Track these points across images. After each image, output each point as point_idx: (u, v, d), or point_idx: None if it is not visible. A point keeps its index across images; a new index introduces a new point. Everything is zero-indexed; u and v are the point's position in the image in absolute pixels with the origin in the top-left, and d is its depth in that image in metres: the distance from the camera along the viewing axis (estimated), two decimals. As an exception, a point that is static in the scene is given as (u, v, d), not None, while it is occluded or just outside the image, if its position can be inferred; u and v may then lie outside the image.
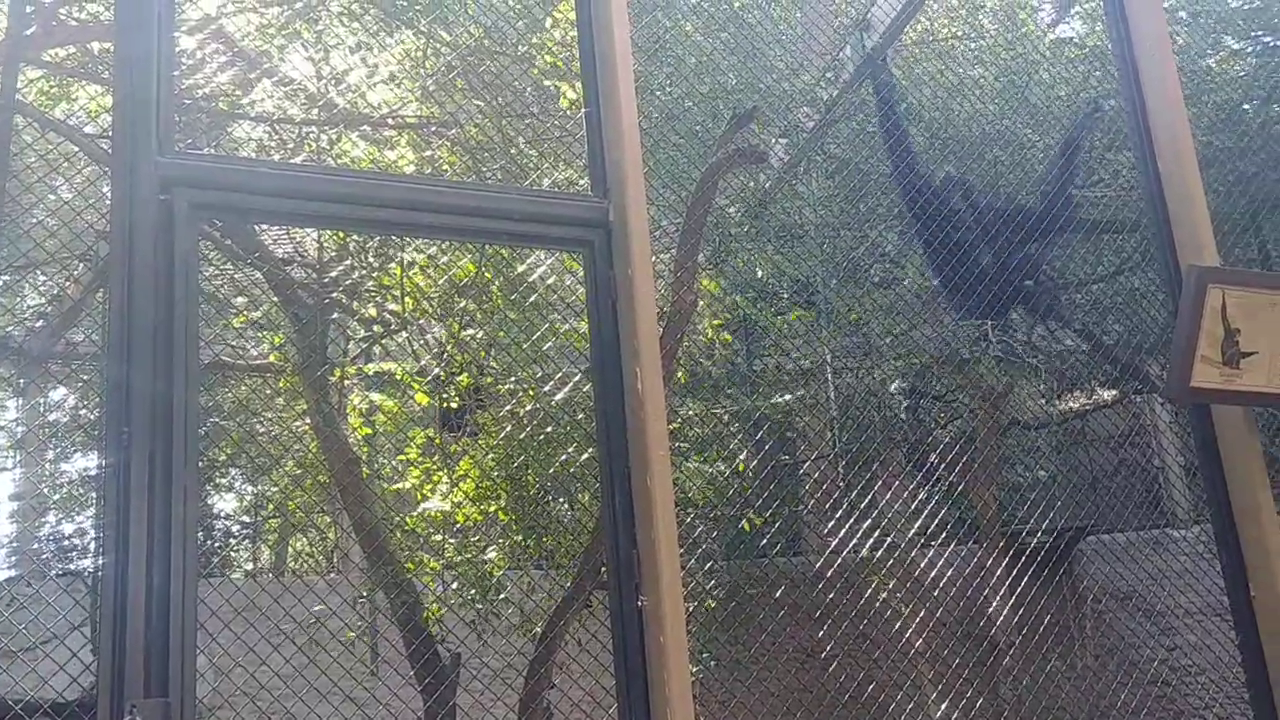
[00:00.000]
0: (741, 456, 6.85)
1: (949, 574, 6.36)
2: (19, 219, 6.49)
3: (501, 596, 6.43)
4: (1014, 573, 6.71)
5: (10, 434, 9.26)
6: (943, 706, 6.53)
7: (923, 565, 6.65)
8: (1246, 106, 7.25)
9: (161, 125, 2.90)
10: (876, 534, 6.13)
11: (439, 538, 6.67)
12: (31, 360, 7.29)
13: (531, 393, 6.31)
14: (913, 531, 6.46)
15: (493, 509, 6.59)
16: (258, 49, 6.66)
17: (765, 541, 6.91)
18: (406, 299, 6.59)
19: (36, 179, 6.41)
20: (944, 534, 6.40)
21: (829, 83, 7.59)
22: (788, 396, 7.73)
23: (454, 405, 6.86)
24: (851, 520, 6.13)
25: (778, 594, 6.32)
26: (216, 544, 12.06)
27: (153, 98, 2.90)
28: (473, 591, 6.38)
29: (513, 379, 6.50)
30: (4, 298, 7.74)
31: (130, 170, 2.83)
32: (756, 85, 7.17)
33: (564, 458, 6.30)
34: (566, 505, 7.03)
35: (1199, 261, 3.99)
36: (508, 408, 6.50)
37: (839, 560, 5.99)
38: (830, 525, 6.52)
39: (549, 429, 6.31)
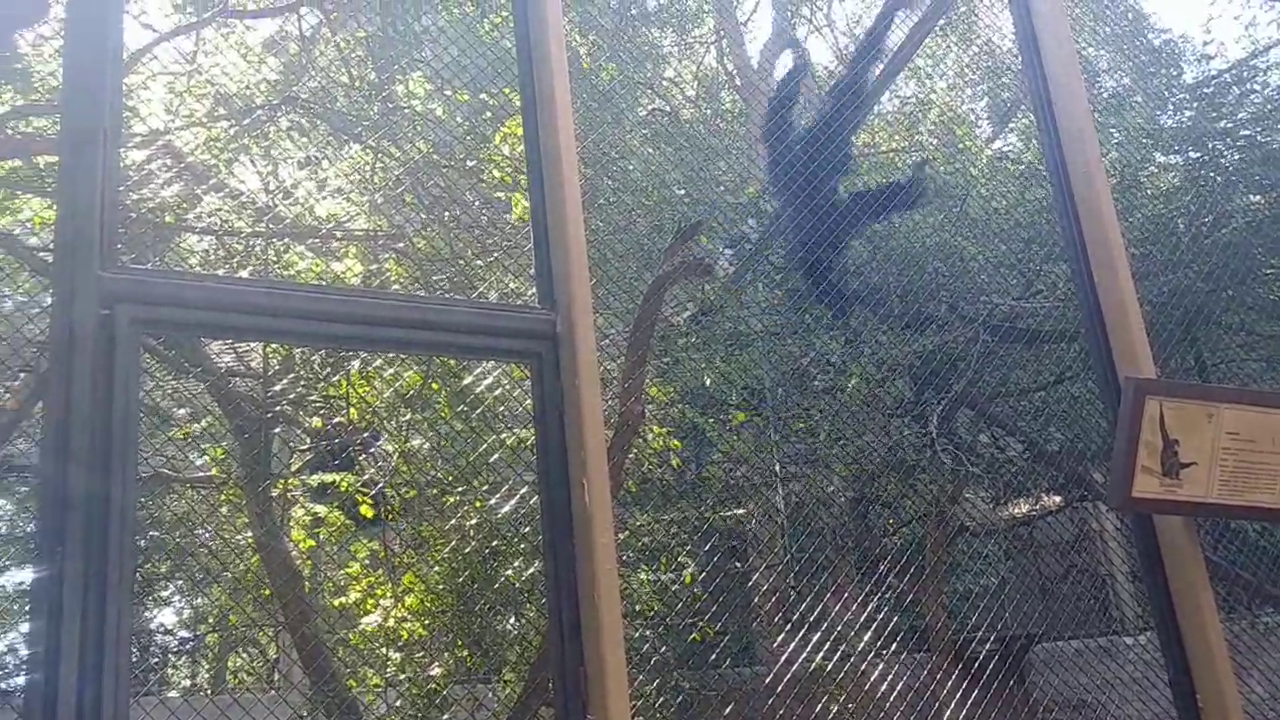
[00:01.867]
0: (690, 569, 6.79)
1: (900, 686, 6.29)
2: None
3: (445, 717, 6.27)
4: (966, 682, 6.64)
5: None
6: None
7: (874, 677, 6.58)
8: (1180, 222, 7.44)
9: (105, 240, 2.87)
10: (828, 645, 6.08)
11: (383, 652, 6.52)
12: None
13: (478, 504, 6.24)
14: (864, 642, 6.40)
15: (438, 624, 6.46)
16: (205, 163, 6.69)
17: (716, 655, 6.81)
18: (352, 410, 6.54)
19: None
20: (895, 644, 6.36)
21: (774, 195, 7.73)
22: (739, 511, 7.70)
23: (400, 517, 6.77)
24: (803, 631, 6.07)
25: (728, 710, 6.22)
26: (154, 660, 11.73)
27: (96, 213, 2.87)
28: (416, 710, 6.21)
29: (459, 490, 6.43)
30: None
31: (71, 285, 2.79)
32: (703, 198, 7.29)
33: (510, 571, 6.21)
34: (513, 619, 6.91)
35: (1135, 372, 4.05)
36: (454, 520, 6.42)
37: (790, 672, 5.92)
38: (781, 637, 6.45)
39: (495, 542, 6.23)
